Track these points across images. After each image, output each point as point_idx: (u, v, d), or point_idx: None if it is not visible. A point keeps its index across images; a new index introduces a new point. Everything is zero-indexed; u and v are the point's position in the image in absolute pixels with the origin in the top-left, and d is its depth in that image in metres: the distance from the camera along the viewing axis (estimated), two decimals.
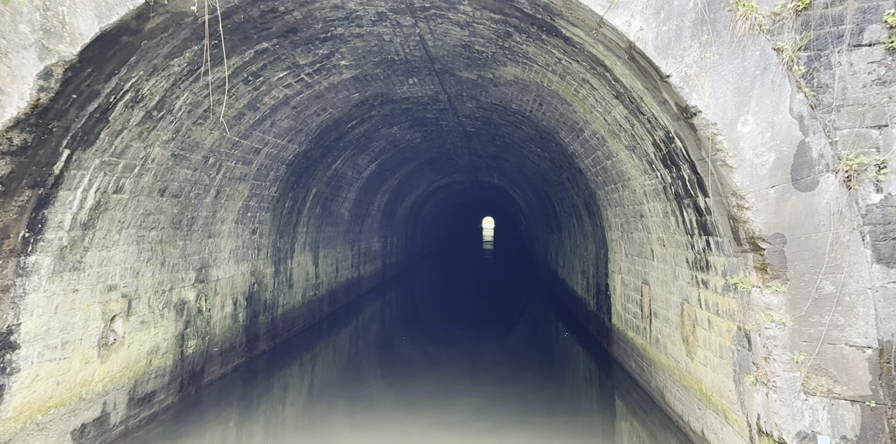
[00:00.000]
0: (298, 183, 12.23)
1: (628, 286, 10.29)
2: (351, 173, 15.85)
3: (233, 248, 9.62)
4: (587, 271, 14.65)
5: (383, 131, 14.59)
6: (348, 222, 17.84)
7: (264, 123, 8.87)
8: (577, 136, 10.36)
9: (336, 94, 10.04)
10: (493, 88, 10.77)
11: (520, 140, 15.12)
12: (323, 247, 15.47)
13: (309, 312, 14.16)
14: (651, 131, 6.78)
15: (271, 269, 11.56)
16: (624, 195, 9.66)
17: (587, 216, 13.97)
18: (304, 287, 13.76)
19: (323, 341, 13.16)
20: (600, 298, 12.82)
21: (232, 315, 9.62)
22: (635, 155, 7.96)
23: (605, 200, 11.23)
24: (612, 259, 11.61)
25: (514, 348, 13.02)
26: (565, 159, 12.95)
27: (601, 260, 12.84)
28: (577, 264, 16.23)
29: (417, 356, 11.92)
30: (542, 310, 18.90)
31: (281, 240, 12.07)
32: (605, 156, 9.52)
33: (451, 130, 16.45)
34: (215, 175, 8.26)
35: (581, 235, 15.43)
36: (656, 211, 8.05)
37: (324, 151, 12.69)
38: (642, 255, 9.31)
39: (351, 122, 12.28)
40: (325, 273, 15.71)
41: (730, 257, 5.68)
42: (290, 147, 10.67)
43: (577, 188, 13.65)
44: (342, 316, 16.21)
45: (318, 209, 14.49)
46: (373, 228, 21.48)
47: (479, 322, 16.05)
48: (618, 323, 11.06)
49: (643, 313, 9.23)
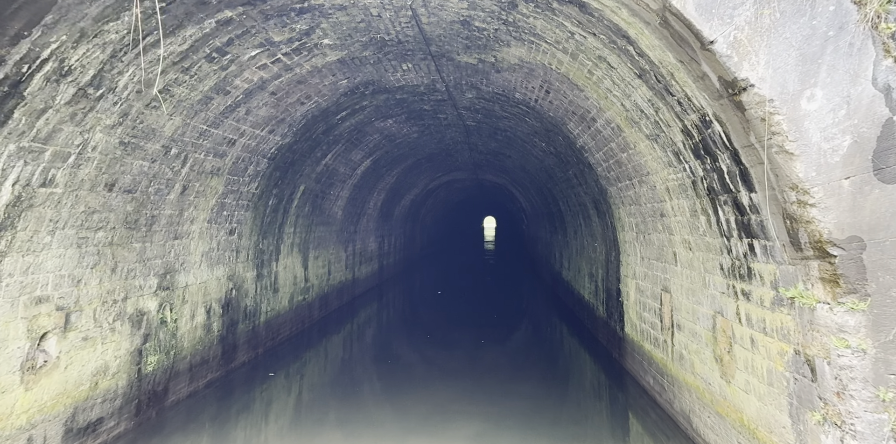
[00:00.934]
0: (283, 179, 11.22)
1: (644, 293, 9.27)
2: (343, 170, 14.84)
3: (205, 250, 8.62)
4: (595, 274, 13.64)
5: (377, 124, 13.57)
6: (342, 222, 16.83)
7: (238, 111, 7.86)
8: (588, 127, 9.35)
9: (321, 79, 9.03)
10: (494, 74, 9.75)
11: (523, 134, 14.10)
12: (313, 248, 14.47)
13: (297, 317, 13.16)
14: (681, 116, 5.76)
15: (253, 273, 10.55)
16: (641, 192, 8.64)
17: (596, 216, 12.96)
18: (291, 291, 12.75)
19: (311, 350, 12.15)
20: (611, 304, 11.81)
21: (204, 325, 8.62)
22: (658, 145, 6.95)
23: (618, 197, 10.22)
24: (625, 263, 10.60)
25: (518, 357, 12.02)
26: (573, 154, 11.94)
27: (612, 263, 11.82)
28: (584, 266, 15.21)
29: (412, 368, 10.91)
30: (546, 314, 17.88)
31: (264, 241, 11.07)
32: (621, 148, 8.51)
33: (451, 124, 15.43)
34: (180, 168, 7.25)
35: (588, 235, 14.41)
36: (681, 210, 7.04)
37: (311, 145, 11.68)
38: (662, 259, 8.30)
39: (340, 112, 11.27)
40: (316, 276, 14.71)
41: (783, 264, 4.66)
42: (272, 139, 9.66)
43: (586, 185, 12.63)
44: (334, 321, 15.20)
45: (308, 208, 13.49)
46: (369, 227, 20.48)
47: (479, 327, 15.05)
48: (632, 333, 10.04)
49: (663, 324, 8.22)
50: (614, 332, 11.40)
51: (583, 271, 15.50)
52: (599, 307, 13.07)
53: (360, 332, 14.46)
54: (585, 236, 14.98)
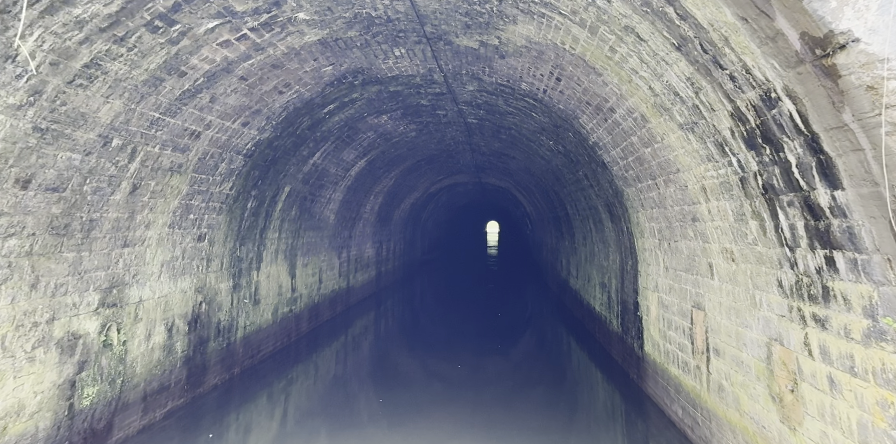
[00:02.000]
0: (264, 179, 10.06)
1: (669, 309, 8.08)
2: (335, 170, 13.69)
3: (167, 259, 7.46)
4: (608, 284, 12.45)
5: (370, 121, 12.43)
6: (334, 226, 15.67)
7: (200, 97, 6.71)
8: (605, 119, 8.18)
9: (300, 64, 7.88)
10: (499, 60, 8.60)
11: (529, 132, 12.94)
12: (302, 255, 13.31)
13: (282, 331, 11.98)
14: (732, 95, 4.59)
15: (228, 283, 9.38)
16: (666, 193, 7.47)
17: (609, 220, 11.77)
18: (275, 303, 11.58)
19: (296, 368, 10.97)
20: (627, 318, 10.61)
21: (164, 346, 7.45)
22: (694, 136, 5.77)
23: (637, 200, 9.04)
24: (645, 273, 9.41)
25: (525, 376, 10.81)
26: (584, 152, 10.77)
27: (628, 273, 10.63)
28: (595, 275, 14.02)
29: (407, 389, 9.72)
30: (553, 326, 16.67)
31: (242, 248, 9.91)
32: (644, 142, 7.34)
33: (451, 122, 14.28)
34: (127, 163, 6.10)
35: (600, 241, 13.22)
36: (722, 213, 5.85)
37: (296, 142, 10.53)
38: (693, 270, 7.11)
39: (327, 105, 10.12)
40: (305, 285, 13.54)
41: (887, 285, 3.47)
42: (247, 133, 8.51)
43: (598, 187, 11.46)
44: (325, 334, 14.02)
45: (295, 211, 12.33)
46: (365, 232, 19.32)
47: (481, 338, 13.85)
48: (653, 353, 8.84)
49: (694, 347, 7.02)
50: (631, 350, 10.19)
51: (593, 281, 14.30)
52: (613, 321, 11.87)
53: (352, 346, 13.27)
54: (596, 243, 13.79)
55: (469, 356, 12.08)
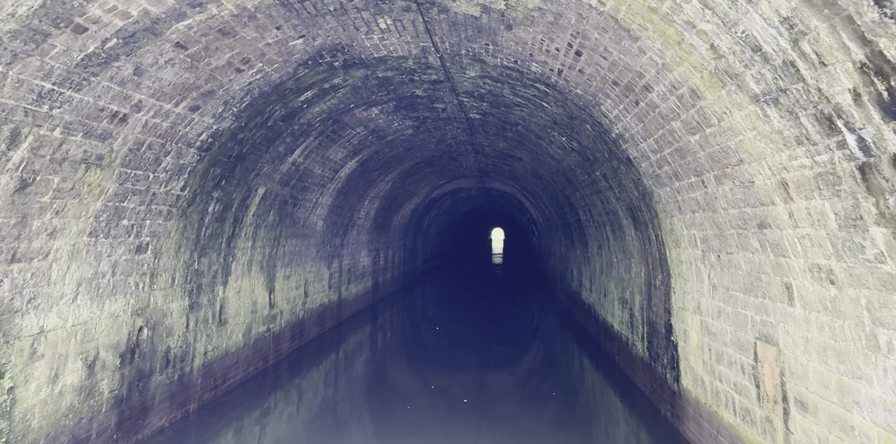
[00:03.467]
0: (229, 179, 8.45)
1: (719, 338, 6.39)
2: (321, 171, 12.08)
3: (87, 276, 5.83)
4: (630, 300, 10.76)
5: (359, 114, 10.82)
6: (323, 234, 14.04)
7: (117, 66, 5.10)
8: (636, 101, 6.53)
9: (259, 32, 6.26)
10: (505, 33, 6.98)
11: (538, 127, 11.30)
12: (283, 265, 11.68)
13: (256, 354, 10.32)
14: (870, 33, 2.94)
15: (183, 302, 7.75)
16: (718, 192, 5.81)
17: (632, 227, 10.11)
18: (247, 322, 9.94)
19: (271, 398, 9.30)
20: (656, 342, 8.92)
21: (81, 388, 5.81)
22: (778, 110, 4.11)
23: (672, 202, 7.38)
24: (680, 290, 7.73)
25: (538, 408, 9.12)
26: (604, 148, 9.12)
27: (657, 289, 8.94)
28: (613, 289, 12.33)
29: (399, 421, 8.05)
30: (566, 344, 14.95)
31: (203, 259, 8.28)
32: (691, 127, 5.68)
33: (451, 118, 12.66)
34: (5, 150, 4.48)
35: (620, 251, 11.54)
36: (816, 217, 4.18)
37: (269, 136, 8.92)
38: (757, 292, 5.43)
39: (303, 92, 8.51)
40: (287, 299, 11.89)
41: None
42: (199, 121, 6.90)
43: (620, 188, 9.80)
44: (311, 354, 12.35)
45: (273, 216, 10.71)
46: (360, 240, 17.68)
47: (487, 358, 12.17)
48: (694, 389, 7.15)
49: (762, 392, 5.33)
50: (662, 381, 8.49)
51: (611, 295, 12.61)
52: (637, 344, 10.17)
53: (340, 367, 11.60)
54: (615, 252, 12.11)
55: (474, 382, 10.39)
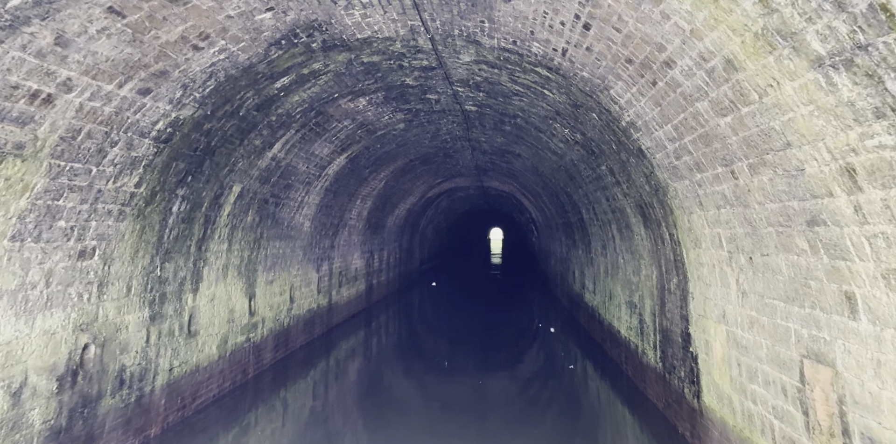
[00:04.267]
0: (196, 174, 7.54)
1: (753, 354, 5.48)
2: (306, 168, 11.16)
3: (9, 288, 4.92)
4: (640, 305, 9.85)
5: (345, 105, 9.91)
6: (310, 235, 13.12)
7: (32, 33, 4.19)
8: (653, 81, 5.63)
9: (218, 2, 5.35)
10: (502, 5, 6.07)
11: (539, 119, 10.40)
12: (265, 270, 10.76)
13: (234, 367, 9.41)
14: None
15: (141, 314, 6.84)
16: (753, 184, 4.90)
17: (642, 225, 9.20)
18: (222, 332, 9.03)
19: (247, 416, 8.39)
20: (671, 352, 8.02)
21: (1, 422, 4.89)
22: (852, 75, 3.21)
23: (692, 197, 6.47)
24: (700, 296, 6.82)
25: (540, 420, 8.21)
26: (612, 138, 8.22)
27: (671, 294, 8.04)
28: (620, 291, 11.42)
29: (392, 438, 7.15)
30: (568, 349, 14.04)
31: (167, 265, 7.37)
32: (722, 107, 4.77)
33: (445, 111, 11.76)
34: None
35: (627, 251, 10.64)
36: None
37: (241, 126, 8.01)
38: (804, 301, 4.52)
39: (279, 77, 7.60)
40: (270, 306, 10.97)
41: None
42: (152, 106, 5.99)
43: (629, 183, 8.90)
44: (296, 365, 11.44)
45: (252, 217, 9.80)
46: (352, 241, 16.77)
47: (486, 364, 11.26)
48: (720, 409, 6.25)
49: (814, 422, 4.42)
50: (681, 396, 7.59)
51: (617, 298, 11.70)
52: (648, 352, 9.26)
53: (328, 379, 10.69)
54: (621, 253, 11.21)
55: (471, 392, 9.47)
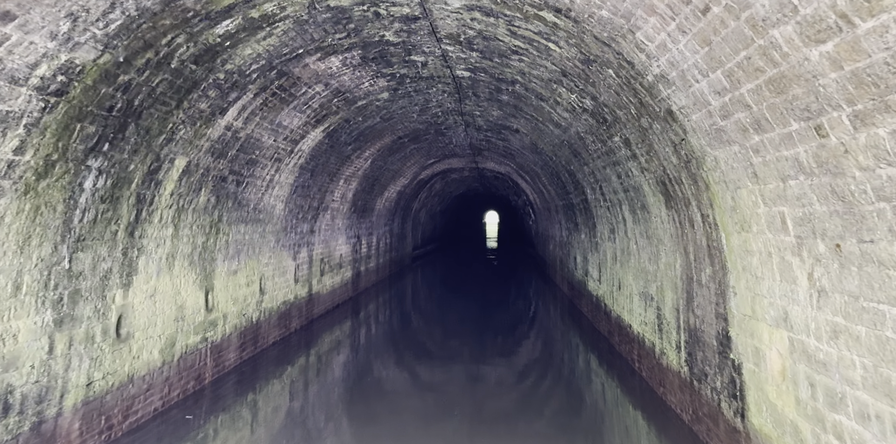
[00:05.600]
0: (116, 142, 5.94)
1: (840, 374, 3.97)
2: (273, 141, 9.57)
3: None
4: (658, 297, 8.36)
5: (314, 65, 8.29)
6: (284, 219, 11.57)
7: None
8: (703, 8, 4.04)
9: None
10: None
11: (541, 83, 8.80)
12: (227, 258, 9.23)
13: (185, 373, 7.91)
14: None
15: (39, 318, 5.31)
16: (856, 142, 3.33)
17: (662, 205, 7.67)
18: (169, 333, 7.51)
19: (194, 432, 6.90)
20: (702, 357, 6.53)
21: None
22: None
23: (741, 166, 4.92)
24: (748, 291, 5.31)
25: (547, 428, 6.74)
26: (632, 100, 6.64)
27: (703, 287, 6.52)
28: (631, 281, 9.93)
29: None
30: (572, 343, 12.59)
31: (81, 255, 5.82)
32: (820, 30, 3.19)
33: (434, 77, 10.14)
34: None
35: (642, 236, 9.12)
36: None
37: (177, 84, 6.38)
38: None
39: (219, 19, 5.97)
40: (233, 299, 9.46)
41: None
42: (27, 43, 4.38)
43: (649, 155, 7.34)
44: (265, 364, 9.96)
45: (207, 197, 8.24)
46: (335, 225, 15.22)
47: (482, 358, 9.81)
48: (780, 437, 4.76)
49: None
50: (716, 411, 6.11)
51: (627, 289, 10.21)
52: (669, 353, 7.79)
53: (302, 379, 9.22)
54: (634, 237, 9.69)
55: (465, 391, 8.01)
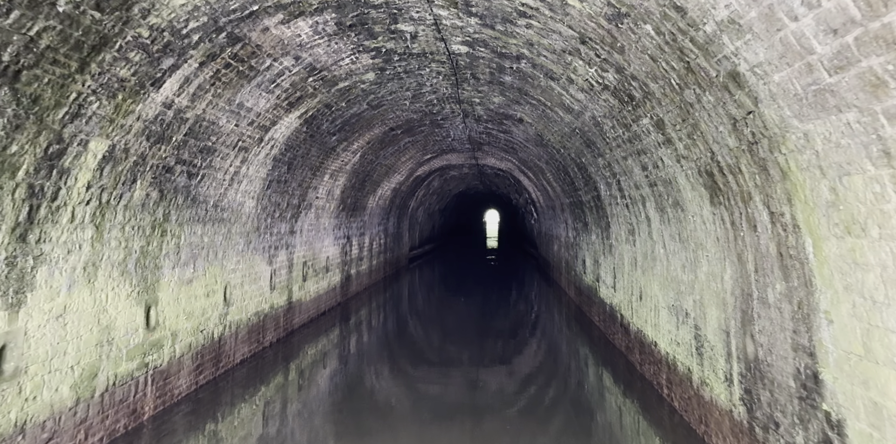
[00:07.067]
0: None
1: None
2: (235, 126, 7.93)
3: None
4: (696, 314, 6.70)
5: (277, 30, 6.63)
6: (256, 217, 9.92)
7: None
8: None
9: None
10: None
11: (553, 56, 7.13)
12: (180, 265, 7.59)
13: (111, 411, 6.28)
14: None
15: None
16: None
17: (706, 200, 6.02)
18: (88, 363, 5.88)
19: None
20: (770, 400, 4.87)
21: None
22: None
23: (856, 143, 3.23)
24: (856, 321, 3.64)
25: None
26: (676, 64, 4.96)
27: (773, 308, 4.87)
28: (658, 292, 8.27)
29: None
30: (583, 359, 10.94)
31: None
32: None
33: (427, 53, 8.48)
34: None
35: (674, 238, 7.47)
36: None
37: (75, 36, 4.70)
38: None
39: None
40: (186, 314, 7.82)
41: None
42: None
43: (691, 139, 5.67)
44: (229, 387, 8.33)
45: (145, 191, 6.60)
46: (320, 225, 13.58)
47: (485, 376, 8.20)
48: None
49: None
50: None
51: (651, 300, 8.56)
52: (714, 384, 6.14)
53: (275, 403, 7.58)
54: (661, 240, 8.04)
55: (464, 414, 6.37)
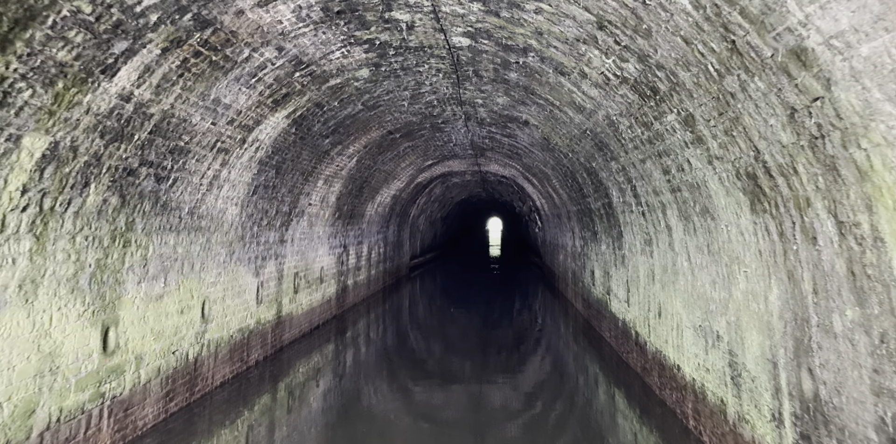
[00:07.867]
0: None
1: None
2: (209, 123, 7.07)
3: None
4: (734, 339, 5.77)
5: (254, 14, 5.74)
6: (240, 226, 9.05)
7: None
8: None
9: None
10: None
11: (564, 47, 6.25)
12: (147, 279, 6.71)
13: None
14: None
15: None
16: None
17: (746, 207, 5.11)
18: (26, 397, 5.00)
19: None
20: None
21: None
22: None
23: None
24: None
25: None
26: (717, 45, 4.05)
27: (840, 338, 3.93)
28: (681, 309, 7.35)
29: None
30: (594, 380, 9.99)
31: None
32: None
33: (425, 48, 7.62)
34: None
35: (700, 250, 6.55)
36: None
37: (17, 22, 3.88)
38: None
39: None
40: (154, 334, 6.92)
41: None
42: None
43: (728, 136, 4.77)
44: (209, 412, 7.42)
45: (102, 197, 5.73)
46: (313, 233, 12.70)
47: (486, 382, 7.28)
48: None
49: None
50: None
51: (673, 318, 7.64)
52: (755, 422, 5.20)
53: (260, 431, 6.66)
54: (684, 252, 7.13)
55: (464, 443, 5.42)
